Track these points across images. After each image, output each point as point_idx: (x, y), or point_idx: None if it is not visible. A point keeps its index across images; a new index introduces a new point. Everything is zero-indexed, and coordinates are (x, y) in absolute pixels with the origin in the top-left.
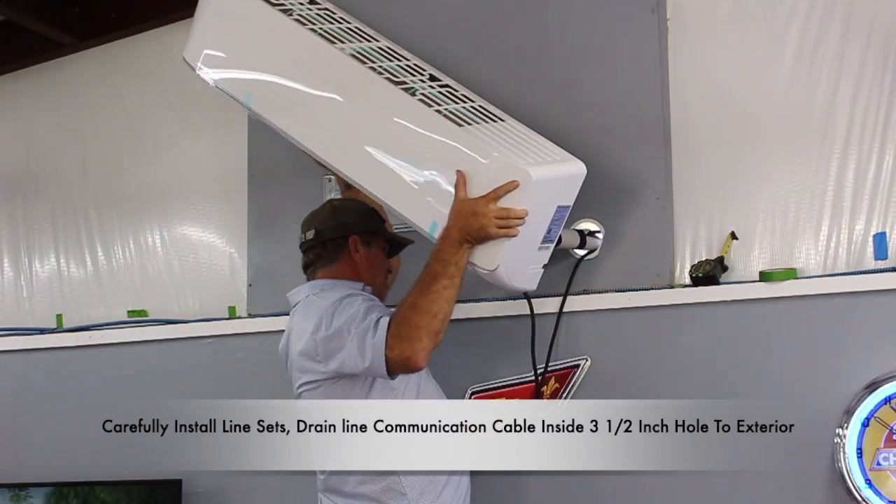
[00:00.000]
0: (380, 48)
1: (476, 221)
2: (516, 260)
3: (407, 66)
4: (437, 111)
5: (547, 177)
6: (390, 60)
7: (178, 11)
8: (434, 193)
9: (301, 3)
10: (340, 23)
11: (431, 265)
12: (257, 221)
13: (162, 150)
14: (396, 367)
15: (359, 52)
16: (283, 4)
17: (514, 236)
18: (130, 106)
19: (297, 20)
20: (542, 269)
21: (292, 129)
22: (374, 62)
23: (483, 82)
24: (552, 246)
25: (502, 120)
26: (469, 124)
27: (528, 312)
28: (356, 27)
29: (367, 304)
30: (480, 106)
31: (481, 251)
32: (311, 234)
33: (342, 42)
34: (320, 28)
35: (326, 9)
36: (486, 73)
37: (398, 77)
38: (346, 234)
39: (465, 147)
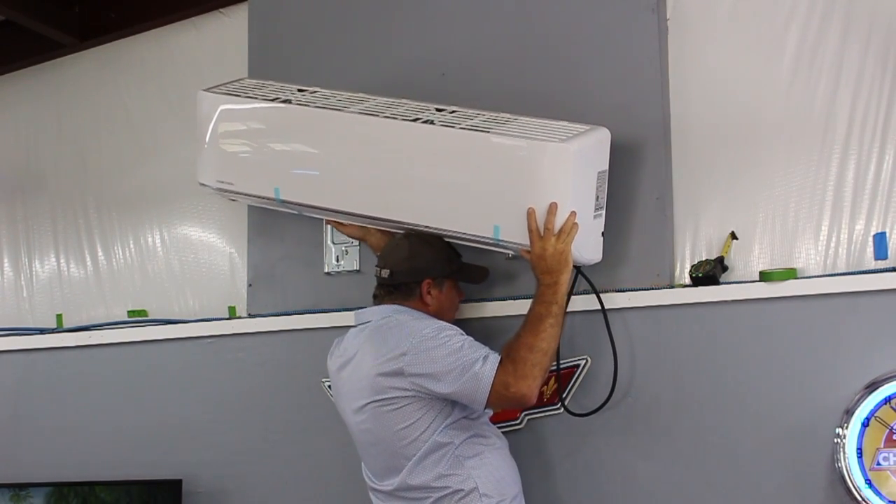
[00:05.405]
0: (381, 103)
1: (556, 262)
2: (579, 235)
3: (411, 108)
4: (462, 129)
5: (579, 147)
6: (396, 108)
7: (178, 11)
8: (487, 201)
9: (294, 92)
10: (334, 97)
11: (535, 308)
12: (257, 221)
13: (162, 150)
14: (506, 401)
15: (367, 111)
16: (279, 97)
17: (577, 229)
18: (130, 106)
19: (300, 104)
20: (602, 238)
21: (329, 202)
22: (384, 113)
23: (483, 83)
24: (604, 211)
25: (517, 118)
26: (490, 130)
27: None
28: (348, 95)
29: (468, 338)
30: (491, 116)
31: None
32: (385, 273)
33: (347, 109)
34: (322, 104)
35: (315, 91)
36: (486, 73)
37: (412, 116)
38: (419, 280)
39: (497, 148)
